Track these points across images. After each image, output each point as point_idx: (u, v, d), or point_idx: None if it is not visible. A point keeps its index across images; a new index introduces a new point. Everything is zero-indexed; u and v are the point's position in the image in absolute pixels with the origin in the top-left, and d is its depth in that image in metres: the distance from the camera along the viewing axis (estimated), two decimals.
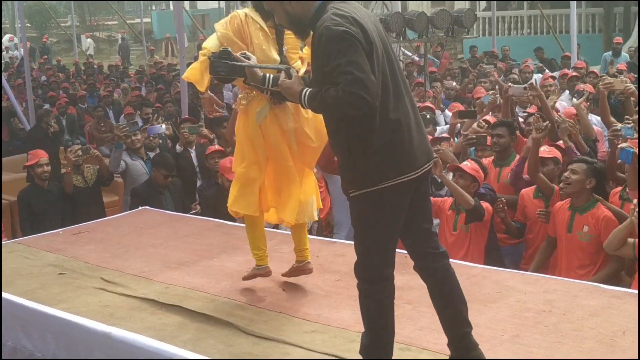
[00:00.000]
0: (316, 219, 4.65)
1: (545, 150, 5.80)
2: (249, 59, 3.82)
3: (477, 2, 23.64)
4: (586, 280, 4.71)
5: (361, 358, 3.28)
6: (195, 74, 4.32)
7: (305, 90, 3.14)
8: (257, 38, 4.18)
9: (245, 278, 4.46)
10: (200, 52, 4.30)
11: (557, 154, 5.84)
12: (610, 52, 14.89)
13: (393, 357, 3.27)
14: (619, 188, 5.41)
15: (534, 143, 5.71)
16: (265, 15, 4.17)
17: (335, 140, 3.19)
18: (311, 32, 3.23)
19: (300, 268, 4.46)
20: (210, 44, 4.22)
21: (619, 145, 5.31)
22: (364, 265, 3.18)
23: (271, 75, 3.64)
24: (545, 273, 5.00)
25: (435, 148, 6.01)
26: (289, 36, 4.17)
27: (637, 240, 4.56)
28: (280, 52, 4.24)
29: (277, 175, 4.33)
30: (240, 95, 4.31)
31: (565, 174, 5.22)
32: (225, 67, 3.74)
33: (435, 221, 5.74)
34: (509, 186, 6.09)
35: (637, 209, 4.48)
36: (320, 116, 3.98)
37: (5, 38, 30.27)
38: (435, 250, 3.29)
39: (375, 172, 3.07)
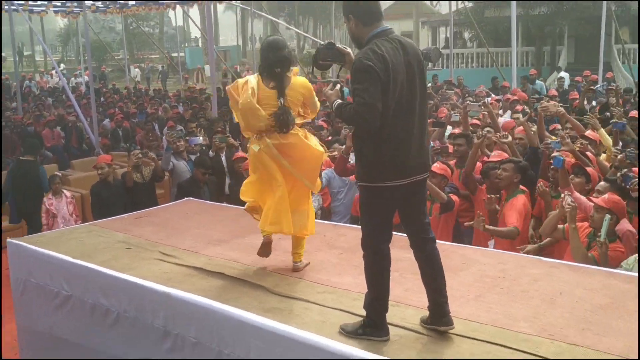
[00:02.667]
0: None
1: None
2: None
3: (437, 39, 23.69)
4: None
5: (365, 311, 3.33)
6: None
7: (336, 101, 3.20)
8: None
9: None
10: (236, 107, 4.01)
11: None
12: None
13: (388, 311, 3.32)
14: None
15: (474, 148, 5.90)
16: (271, 78, 3.95)
17: (354, 139, 3.25)
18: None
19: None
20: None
21: (552, 155, 5.36)
22: (367, 240, 3.22)
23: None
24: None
25: None
26: (290, 91, 3.98)
27: (566, 225, 4.59)
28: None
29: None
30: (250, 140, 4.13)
31: (497, 171, 5.35)
32: (332, 55, 3.39)
33: None
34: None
35: (566, 201, 4.55)
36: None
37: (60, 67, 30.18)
38: (427, 236, 3.30)
39: (374, 173, 3.12)
